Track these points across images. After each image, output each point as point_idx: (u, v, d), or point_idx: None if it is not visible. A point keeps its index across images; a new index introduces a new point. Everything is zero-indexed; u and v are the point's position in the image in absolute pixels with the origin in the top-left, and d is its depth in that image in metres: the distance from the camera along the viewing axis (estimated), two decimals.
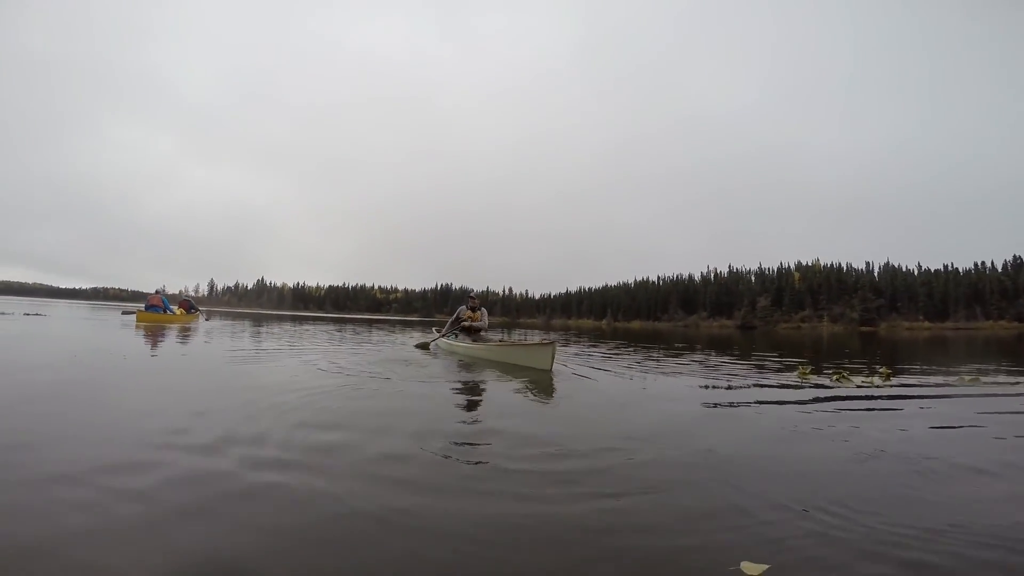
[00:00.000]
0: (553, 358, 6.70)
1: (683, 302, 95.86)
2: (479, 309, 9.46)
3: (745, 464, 2.61)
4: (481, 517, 1.85)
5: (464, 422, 3.62)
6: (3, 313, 17.62)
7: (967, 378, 6.74)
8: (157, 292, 16.96)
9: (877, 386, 5.79)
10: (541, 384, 5.53)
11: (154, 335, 11.21)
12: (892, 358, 11.34)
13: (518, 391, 5.03)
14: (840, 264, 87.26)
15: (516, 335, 20.54)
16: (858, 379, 6.35)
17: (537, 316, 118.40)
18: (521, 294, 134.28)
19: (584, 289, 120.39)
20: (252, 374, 5.60)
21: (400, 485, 2.18)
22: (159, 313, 16.29)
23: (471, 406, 4.29)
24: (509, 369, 6.74)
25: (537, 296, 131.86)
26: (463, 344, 8.89)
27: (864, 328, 64.93)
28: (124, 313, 21.78)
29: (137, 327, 13.78)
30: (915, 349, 16.40)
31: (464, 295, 9.65)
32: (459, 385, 5.40)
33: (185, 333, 12.29)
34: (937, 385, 6.05)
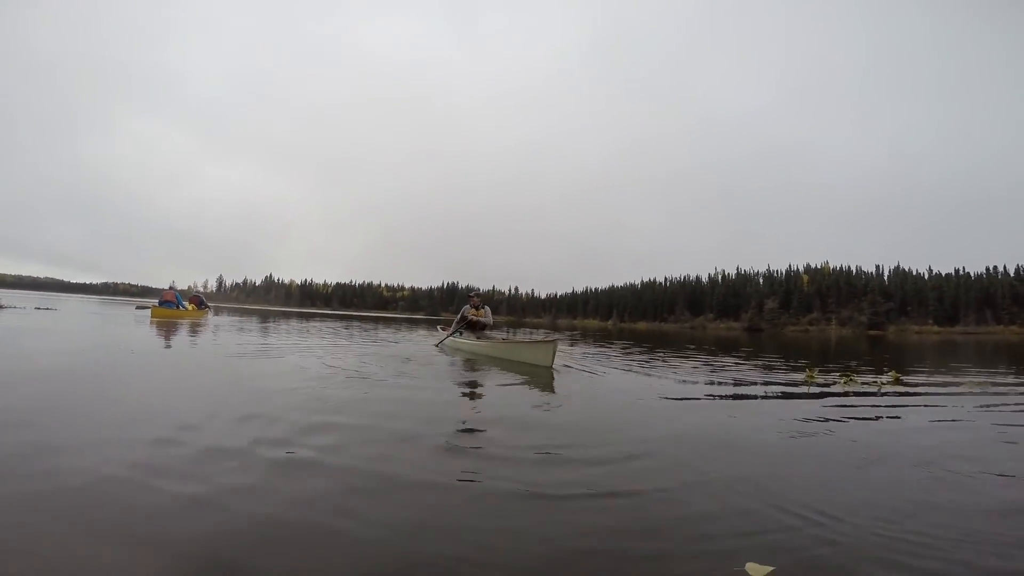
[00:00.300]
0: (554, 355, 6.82)
1: (690, 303, 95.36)
2: (482, 307, 9.59)
3: (750, 465, 2.60)
4: (481, 513, 1.86)
5: (464, 417, 3.66)
6: (14, 307, 17.82)
7: (975, 382, 6.69)
8: (171, 288, 17.22)
9: (884, 389, 5.75)
10: (542, 381, 5.60)
11: (168, 330, 11.45)
12: (900, 362, 11.25)
13: (520, 387, 5.10)
14: (849, 267, 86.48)
15: (521, 334, 20.57)
16: (866, 382, 6.32)
17: (543, 316, 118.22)
18: (527, 293, 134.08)
19: (590, 289, 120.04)
20: (258, 369, 5.65)
21: (397, 473, 2.22)
22: (173, 309, 16.58)
23: (472, 401, 4.33)
24: (512, 366, 6.85)
25: (543, 296, 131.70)
26: (468, 341, 9.07)
27: (872, 332, 64.36)
28: (138, 308, 22.26)
29: (152, 322, 14.14)
30: (924, 353, 16.26)
31: (468, 294, 9.79)
32: (461, 381, 5.48)
33: (196, 329, 12.46)
34: (945, 389, 6.01)
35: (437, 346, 9.83)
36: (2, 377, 4.38)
